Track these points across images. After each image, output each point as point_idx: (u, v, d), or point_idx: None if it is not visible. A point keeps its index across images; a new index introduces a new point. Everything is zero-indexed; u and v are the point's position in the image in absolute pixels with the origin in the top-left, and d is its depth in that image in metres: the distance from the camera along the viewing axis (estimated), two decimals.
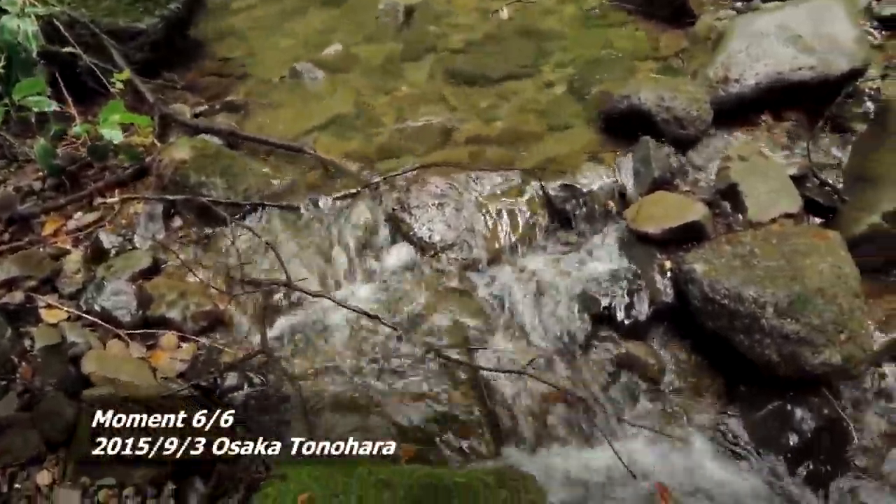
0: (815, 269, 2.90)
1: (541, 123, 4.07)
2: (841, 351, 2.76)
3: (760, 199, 3.34)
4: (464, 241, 3.44)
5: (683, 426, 2.96)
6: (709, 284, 2.94)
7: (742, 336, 2.88)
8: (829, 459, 2.84)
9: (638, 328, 3.17)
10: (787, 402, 2.90)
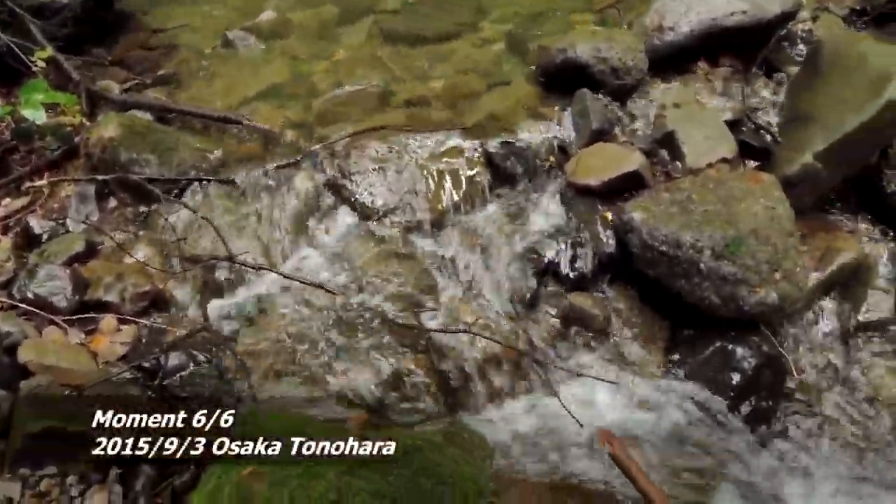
0: (750, 212, 2.95)
1: (480, 81, 4.02)
2: (776, 289, 2.83)
3: (697, 146, 3.36)
4: (406, 205, 3.41)
5: (630, 373, 3.01)
6: (648, 232, 2.97)
7: (682, 281, 2.93)
8: (770, 395, 2.93)
9: (583, 280, 3.19)
10: (728, 343, 2.97)
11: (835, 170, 3.29)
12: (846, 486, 2.76)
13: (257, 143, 3.74)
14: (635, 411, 2.88)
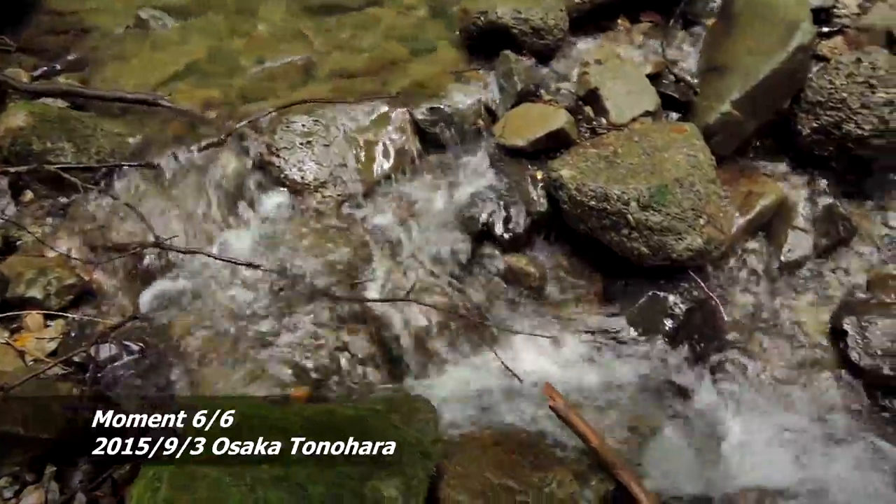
0: (673, 161, 3.02)
1: (404, 49, 3.98)
2: (702, 235, 2.91)
3: (620, 101, 3.41)
4: (337, 178, 3.37)
5: (569, 327, 3.07)
6: (576, 188, 3.01)
7: (612, 233, 2.98)
8: (703, 337, 3.04)
9: (517, 240, 3.23)
10: (660, 290, 3.05)
11: (752, 116, 3.39)
12: (778, 415, 2.90)
13: (179, 124, 3.62)
14: (575, 363, 2.94)
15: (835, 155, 3.40)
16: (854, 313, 3.05)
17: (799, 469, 2.75)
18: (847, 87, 3.34)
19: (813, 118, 3.41)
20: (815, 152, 3.44)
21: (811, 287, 3.26)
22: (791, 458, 2.78)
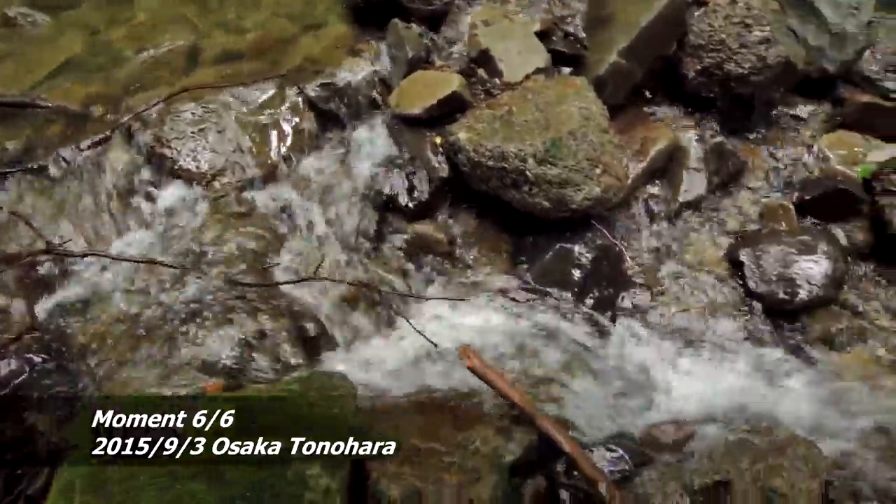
0: (566, 115, 3.07)
1: (293, 25, 3.89)
2: (599, 184, 2.98)
3: (512, 60, 3.43)
4: (234, 164, 3.28)
5: (481, 288, 3.11)
6: (473, 150, 3.03)
7: (513, 191, 3.02)
8: (611, 283, 3.13)
9: (423, 208, 3.23)
10: (565, 242, 3.12)
11: (639, 64, 3.47)
12: (687, 348, 3.02)
13: (61, 123, 3.45)
14: (490, 322, 2.99)
15: (719, 95, 3.53)
16: (749, 244, 3.20)
17: (709, 396, 2.88)
18: (725, 28, 3.46)
19: (696, 61, 3.52)
20: (702, 94, 3.56)
21: (709, 223, 3.39)
22: (702, 387, 2.91)
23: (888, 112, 3.50)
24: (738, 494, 2.53)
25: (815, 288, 3.02)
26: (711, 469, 2.62)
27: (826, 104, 3.67)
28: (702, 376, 2.94)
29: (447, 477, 2.40)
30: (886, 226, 3.15)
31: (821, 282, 3.03)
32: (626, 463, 2.65)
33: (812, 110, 3.66)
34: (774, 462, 2.59)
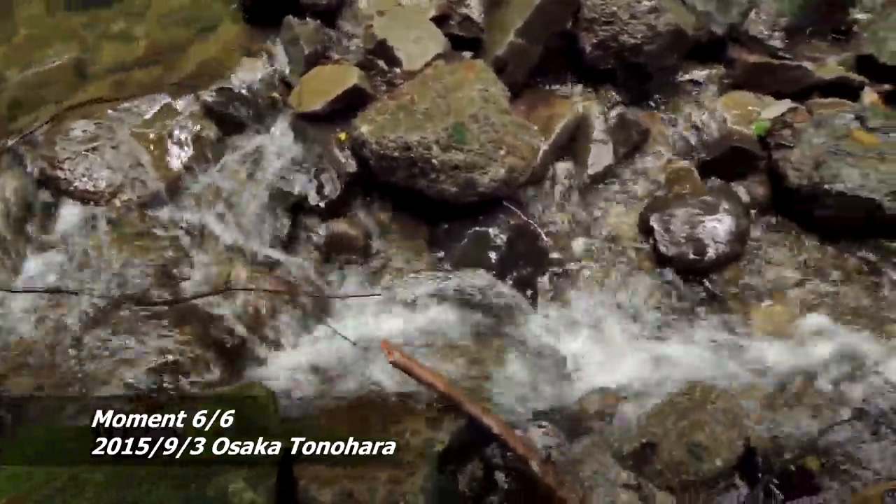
0: (467, 99, 3.07)
1: (185, 31, 3.76)
2: (504, 165, 3.00)
3: (410, 48, 3.41)
4: (133, 180, 3.16)
5: (401, 280, 3.09)
6: (377, 142, 3.01)
7: (422, 180, 3.01)
8: (529, 261, 3.16)
9: (335, 206, 3.19)
10: (479, 226, 3.13)
11: (536, 42, 3.50)
12: (607, 318, 3.08)
13: None
14: (411, 314, 2.98)
15: (617, 66, 3.59)
16: (657, 210, 3.28)
17: (632, 362, 2.95)
18: (616, 0, 3.52)
19: (592, 35, 3.57)
20: (600, 67, 3.62)
21: (618, 193, 3.46)
22: (624, 354, 2.97)
23: (776, 69, 3.63)
24: (665, 453, 2.61)
25: (721, 245, 3.12)
26: (638, 433, 2.70)
27: (719, 67, 3.78)
28: (623, 343, 3.00)
29: (379, 474, 2.40)
30: (782, 179, 3.28)
31: (726, 239, 3.13)
32: (556, 437, 2.70)
33: (706, 74, 3.77)
34: (696, 418, 2.68)
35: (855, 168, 3.16)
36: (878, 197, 3.09)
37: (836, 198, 3.15)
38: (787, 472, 2.62)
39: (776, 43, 3.79)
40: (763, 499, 2.57)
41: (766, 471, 2.59)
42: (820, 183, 3.17)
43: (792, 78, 3.61)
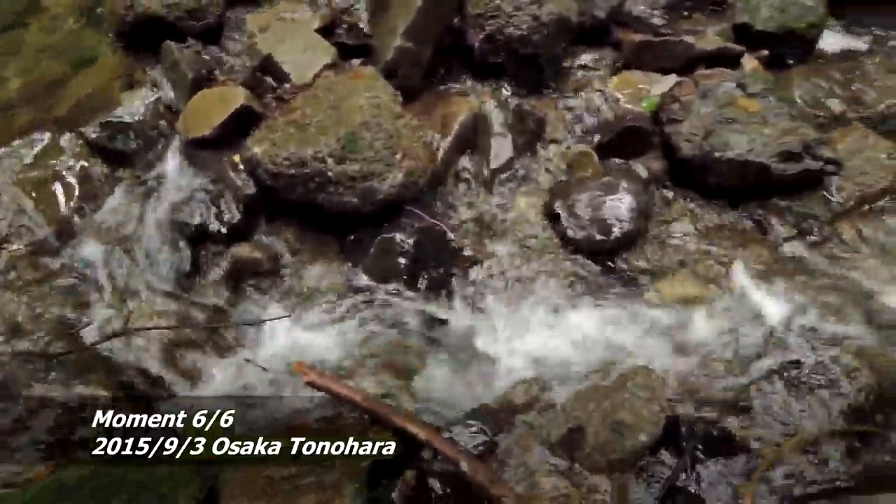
0: (357, 107, 3.04)
1: (62, 65, 3.62)
2: (401, 169, 2.98)
3: (298, 62, 3.36)
4: (20, 227, 3.03)
5: (313, 298, 3.04)
6: (271, 161, 2.95)
7: (321, 194, 2.97)
8: (439, 262, 3.14)
9: (237, 230, 3.11)
10: (387, 233, 3.10)
11: (424, 43, 3.49)
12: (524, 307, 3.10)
13: None
14: (326, 331, 2.93)
15: (507, 59, 3.61)
16: (561, 196, 3.32)
17: (552, 350, 2.97)
18: None
19: (479, 30, 3.58)
20: (491, 61, 3.63)
21: (523, 183, 3.48)
22: (544, 342, 2.99)
23: (660, 46, 3.72)
24: (591, 436, 2.65)
25: (625, 223, 3.18)
26: (564, 418, 2.72)
27: (607, 49, 3.84)
28: (542, 332, 3.02)
29: (305, 499, 2.35)
30: (675, 152, 3.36)
31: (629, 216, 3.19)
32: (485, 434, 2.70)
33: (595, 58, 3.83)
34: (618, 397, 2.72)
35: (742, 134, 3.27)
36: (765, 159, 3.20)
37: (727, 164, 3.25)
38: (709, 436, 2.68)
39: (657, 20, 3.89)
40: (690, 465, 2.63)
41: (690, 438, 2.65)
42: (711, 152, 3.26)
43: (675, 53, 3.71)
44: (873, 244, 3.22)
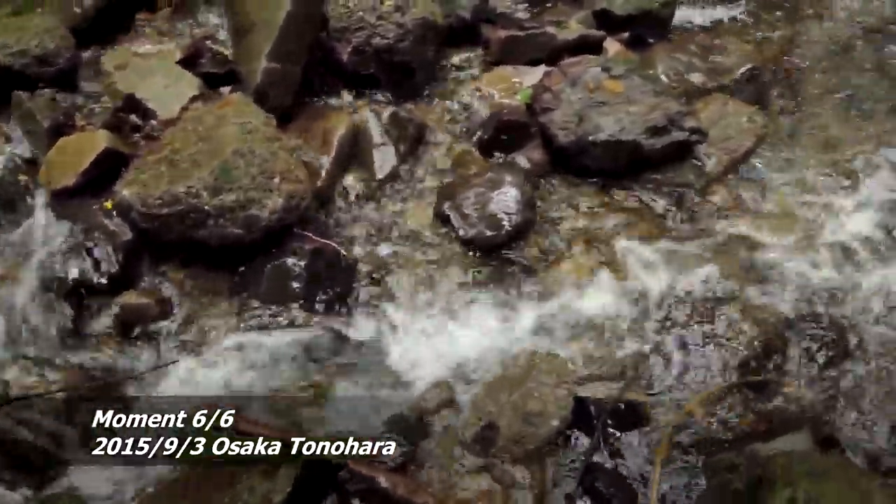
0: (228, 136, 2.97)
1: None
2: (281, 194, 2.93)
3: (162, 96, 3.26)
4: None
5: (211, 337, 2.94)
6: (143, 203, 2.84)
7: (201, 230, 2.89)
8: (335, 281, 3.10)
9: (120, 279, 2.98)
10: (275, 260, 3.04)
11: (292, 63, 3.45)
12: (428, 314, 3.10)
13: None
14: (230, 368, 2.84)
15: (378, 69, 3.62)
16: (449, 197, 3.34)
17: (459, 350, 2.98)
18: (359, 5, 3.55)
19: (346, 44, 3.57)
20: (363, 72, 3.63)
21: (411, 190, 3.49)
22: (450, 345, 3.01)
23: (525, 40, 3.81)
24: (505, 429, 2.68)
25: (513, 216, 3.23)
26: (477, 416, 2.74)
27: (477, 48, 3.92)
28: (446, 334, 3.03)
29: None
30: (553, 140, 3.45)
31: (516, 209, 3.24)
32: (402, 445, 2.68)
33: (467, 57, 3.90)
34: (526, 386, 2.77)
35: (611, 116, 3.39)
36: (635, 137, 3.33)
37: (601, 146, 3.36)
38: (617, 410, 2.76)
39: (522, 14, 4.00)
40: (603, 442, 2.71)
41: (599, 415, 2.72)
42: (585, 136, 3.37)
43: (540, 44, 3.81)
44: (745, 203, 3.41)
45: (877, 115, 3.81)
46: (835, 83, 4.07)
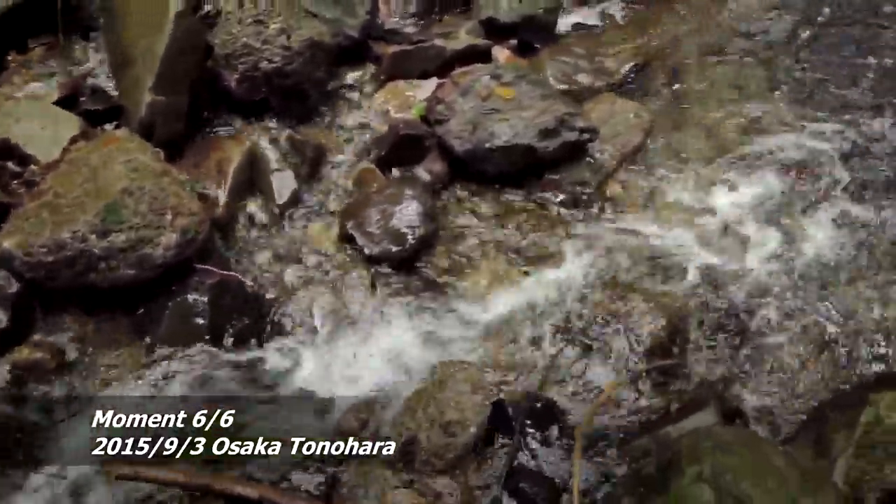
0: (114, 175, 2.88)
1: None
2: (174, 229, 2.86)
3: (39, 139, 3.13)
4: None
5: (112, 384, 2.83)
6: (25, 253, 2.71)
7: (92, 274, 2.79)
8: (243, 313, 3.03)
9: (10, 334, 2.82)
10: (176, 297, 2.95)
11: (178, 93, 3.37)
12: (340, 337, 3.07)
13: None
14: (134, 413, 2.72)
15: (269, 93, 3.58)
16: (351, 217, 3.33)
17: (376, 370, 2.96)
18: (243, 31, 3.51)
19: (233, 70, 3.53)
20: (254, 98, 3.59)
21: (314, 213, 3.46)
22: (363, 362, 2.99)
23: (415, 53, 3.86)
24: (425, 442, 2.68)
25: (416, 229, 3.24)
26: (397, 432, 2.73)
27: (369, 65, 3.93)
28: (360, 353, 3.01)
29: None
30: (450, 150, 3.49)
31: (419, 222, 3.26)
32: (324, 473, 2.65)
33: (359, 75, 3.91)
34: (442, 398, 2.78)
35: (504, 122, 3.46)
36: (528, 140, 3.42)
37: (498, 152, 3.43)
38: (534, 410, 2.80)
39: (410, 29, 4.04)
40: (523, 442, 2.74)
41: (517, 417, 2.76)
42: (481, 143, 3.42)
43: (429, 57, 3.86)
44: (639, 195, 3.54)
45: (753, 101, 4.01)
46: (715, 74, 4.27)
